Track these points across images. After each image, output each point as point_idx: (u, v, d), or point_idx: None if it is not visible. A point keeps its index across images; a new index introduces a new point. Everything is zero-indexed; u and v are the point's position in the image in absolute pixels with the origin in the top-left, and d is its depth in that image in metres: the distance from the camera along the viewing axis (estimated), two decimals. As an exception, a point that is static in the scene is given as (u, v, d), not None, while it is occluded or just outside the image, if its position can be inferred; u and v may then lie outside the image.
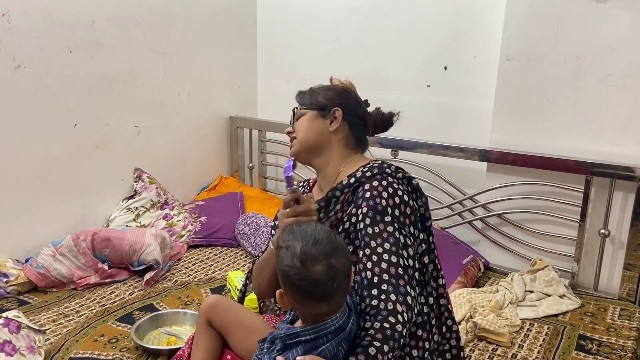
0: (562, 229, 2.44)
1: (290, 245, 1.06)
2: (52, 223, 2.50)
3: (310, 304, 1.06)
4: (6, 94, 2.27)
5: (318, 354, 1.06)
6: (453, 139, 2.67)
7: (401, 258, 1.19)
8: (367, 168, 1.32)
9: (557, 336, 2.00)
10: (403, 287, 1.16)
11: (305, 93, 1.44)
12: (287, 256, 1.05)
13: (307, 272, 1.03)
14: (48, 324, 1.97)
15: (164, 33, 2.93)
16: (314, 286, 1.03)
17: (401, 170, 1.32)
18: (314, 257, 1.04)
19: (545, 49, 2.36)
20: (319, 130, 1.38)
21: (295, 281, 1.04)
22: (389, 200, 1.24)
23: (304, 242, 1.05)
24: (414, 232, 1.27)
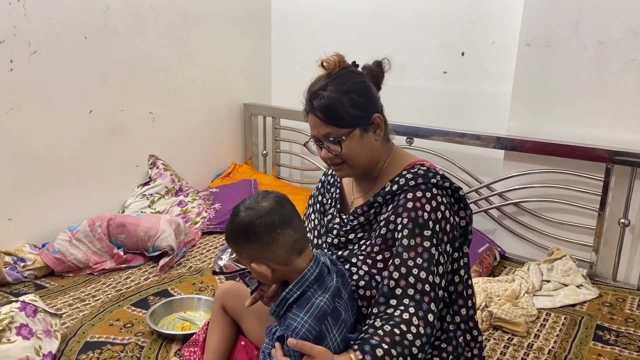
0: (581, 218, 2.40)
1: (237, 212, 1.13)
2: (68, 209, 2.52)
3: (280, 236, 1.10)
4: (22, 79, 2.28)
5: (318, 311, 1.08)
6: (469, 126, 2.63)
7: (431, 275, 1.16)
8: (411, 174, 1.25)
9: (574, 326, 1.97)
10: (426, 304, 1.14)
11: (331, 110, 1.22)
12: (240, 216, 1.11)
13: (258, 210, 1.11)
14: (64, 308, 1.99)
15: (178, 19, 2.92)
16: (272, 215, 1.10)
17: (448, 180, 1.25)
18: (255, 201, 1.13)
19: (566, 33, 2.30)
20: (370, 147, 1.27)
21: (257, 222, 1.09)
22: (431, 214, 1.19)
23: (242, 204, 1.14)
24: (449, 250, 1.23)
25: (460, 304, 1.28)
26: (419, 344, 1.11)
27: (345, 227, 1.32)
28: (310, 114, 1.26)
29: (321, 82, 1.25)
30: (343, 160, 1.26)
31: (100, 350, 1.73)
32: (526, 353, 1.80)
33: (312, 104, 1.24)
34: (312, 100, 1.24)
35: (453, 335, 1.26)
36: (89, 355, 1.71)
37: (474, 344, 1.31)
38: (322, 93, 1.22)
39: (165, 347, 1.76)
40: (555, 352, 1.81)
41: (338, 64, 1.26)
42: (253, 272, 1.15)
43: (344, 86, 1.23)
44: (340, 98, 1.21)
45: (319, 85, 1.25)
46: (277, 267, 1.12)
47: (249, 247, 1.11)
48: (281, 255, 1.11)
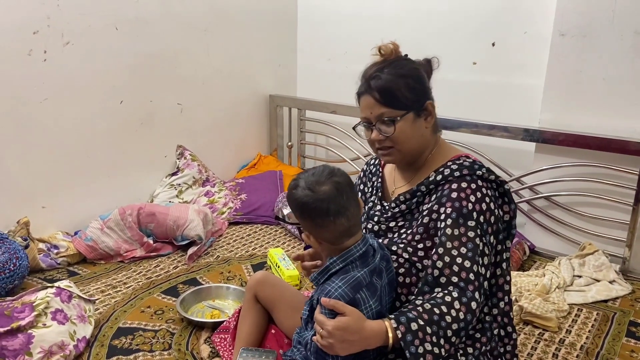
0: (614, 212, 2.35)
1: (297, 185, 1.17)
2: (99, 197, 2.56)
3: (331, 223, 1.14)
4: (56, 70, 2.32)
5: (354, 281, 1.13)
6: (499, 118, 2.59)
7: (475, 265, 1.16)
8: (456, 165, 1.25)
9: (606, 322, 1.93)
10: (471, 292, 1.14)
11: (388, 91, 1.24)
12: (298, 193, 1.15)
13: (317, 194, 1.14)
14: (97, 295, 2.03)
15: (206, 11, 2.93)
16: (328, 203, 1.13)
17: (493, 173, 1.25)
18: (317, 182, 1.15)
19: (602, 23, 2.24)
20: (420, 134, 1.28)
21: (313, 206, 1.13)
22: (475, 205, 1.19)
23: (305, 177, 1.17)
24: (493, 242, 1.23)
25: (499, 296, 1.28)
26: (455, 327, 1.11)
27: (386, 214, 1.33)
28: (365, 95, 1.27)
29: (378, 65, 1.28)
30: (392, 145, 1.27)
31: (132, 336, 1.76)
32: (557, 348, 1.78)
33: (368, 84, 1.26)
34: (369, 81, 1.26)
35: (489, 326, 1.26)
36: (122, 340, 1.74)
37: (507, 339, 1.30)
38: (379, 74, 1.25)
39: (195, 334, 1.79)
40: (588, 347, 1.78)
41: (394, 51, 1.29)
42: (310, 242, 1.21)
43: (401, 70, 1.26)
44: (397, 80, 1.24)
45: (377, 68, 1.27)
46: (326, 244, 1.17)
47: (302, 219, 1.18)
48: (330, 238, 1.17)
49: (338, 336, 1.05)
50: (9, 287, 1.95)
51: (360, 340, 1.07)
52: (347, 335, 1.05)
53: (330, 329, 1.05)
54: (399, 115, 1.24)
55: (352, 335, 1.06)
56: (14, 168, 2.26)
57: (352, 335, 1.06)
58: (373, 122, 1.27)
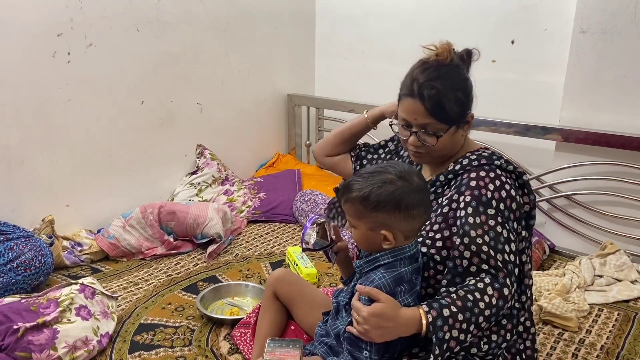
0: (636, 211, 2.32)
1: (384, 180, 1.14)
2: (121, 196, 2.61)
3: (419, 216, 1.16)
4: (79, 71, 2.37)
5: (397, 274, 1.14)
6: (519, 116, 2.57)
7: (500, 253, 1.16)
8: (475, 156, 1.26)
9: (627, 322, 1.91)
10: (502, 278, 1.14)
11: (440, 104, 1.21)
12: (390, 186, 1.13)
13: (411, 184, 1.14)
14: (119, 291, 2.07)
15: (225, 11, 2.96)
16: (423, 194, 1.16)
17: (512, 164, 1.26)
18: (408, 173, 1.16)
19: (624, 20, 2.21)
20: (457, 142, 1.29)
21: (409, 197, 1.12)
22: (494, 193, 1.19)
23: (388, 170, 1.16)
24: (517, 227, 1.23)
25: (526, 283, 1.28)
26: (487, 313, 1.11)
27: None
28: (412, 99, 1.24)
29: (431, 72, 1.24)
30: (427, 152, 1.27)
31: (153, 332, 1.80)
32: (577, 348, 1.76)
33: (421, 91, 1.22)
34: (421, 88, 1.23)
35: (516, 313, 1.25)
36: (144, 336, 1.78)
37: (526, 335, 1.30)
38: (433, 84, 1.22)
39: (215, 331, 1.81)
40: (608, 348, 1.76)
41: (449, 54, 1.26)
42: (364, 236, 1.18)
43: (454, 83, 1.24)
44: (449, 94, 1.22)
45: (430, 75, 1.23)
46: (398, 239, 1.16)
47: (392, 214, 1.13)
48: (412, 230, 1.17)
49: (373, 322, 1.07)
50: (34, 284, 2.01)
51: (395, 327, 1.08)
52: (382, 321, 1.07)
53: (366, 314, 1.07)
54: (444, 129, 1.24)
55: (387, 322, 1.07)
56: (39, 167, 2.32)
57: (387, 322, 1.07)
58: (414, 129, 1.26)
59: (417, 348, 1.19)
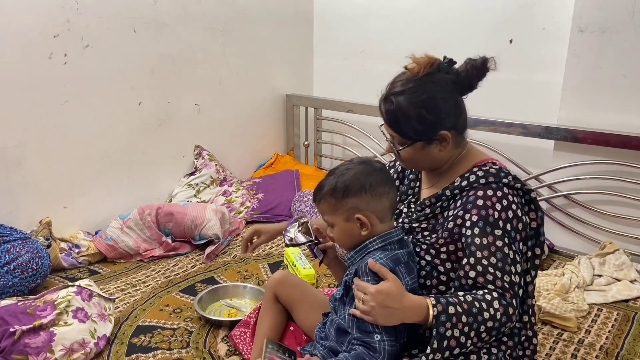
0: (635, 210, 2.31)
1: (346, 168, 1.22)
2: (119, 197, 2.61)
3: (388, 194, 1.21)
4: (76, 72, 2.36)
5: (393, 255, 1.17)
6: (518, 116, 2.56)
7: (507, 274, 1.14)
8: (482, 172, 1.23)
9: (627, 322, 1.91)
10: (509, 298, 1.13)
11: (397, 120, 1.22)
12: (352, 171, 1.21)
13: (372, 166, 1.22)
14: (117, 293, 2.06)
15: (223, 11, 2.95)
16: (385, 173, 1.23)
17: (520, 181, 1.23)
18: (368, 159, 1.26)
19: (622, 19, 2.20)
20: (432, 157, 1.27)
21: (372, 177, 1.20)
22: (502, 213, 1.17)
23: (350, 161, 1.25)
24: (523, 248, 1.21)
25: (529, 303, 1.27)
26: (490, 325, 1.10)
27: (412, 215, 1.33)
28: (379, 109, 1.28)
29: (399, 84, 1.23)
30: (402, 160, 1.31)
31: (151, 334, 1.79)
32: (576, 349, 1.76)
33: (380, 104, 1.26)
34: (382, 102, 1.26)
35: (517, 332, 1.25)
36: (141, 338, 1.77)
37: (527, 344, 1.29)
38: (393, 99, 1.22)
39: (213, 332, 1.81)
40: (607, 348, 1.76)
41: (425, 67, 1.22)
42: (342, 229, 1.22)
43: (418, 98, 1.21)
44: (409, 111, 1.21)
45: (395, 90, 1.23)
46: (373, 223, 1.20)
47: (360, 197, 1.19)
48: (382, 210, 1.20)
49: (380, 300, 1.06)
50: (31, 286, 2.00)
51: (401, 309, 1.07)
52: (388, 300, 1.06)
53: (374, 291, 1.07)
54: (405, 143, 1.24)
55: (393, 301, 1.06)
56: (36, 169, 2.31)
57: (394, 302, 1.06)
58: (386, 136, 1.30)
59: (417, 350, 1.18)
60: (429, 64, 1.22)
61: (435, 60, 1.23)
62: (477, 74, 1.25)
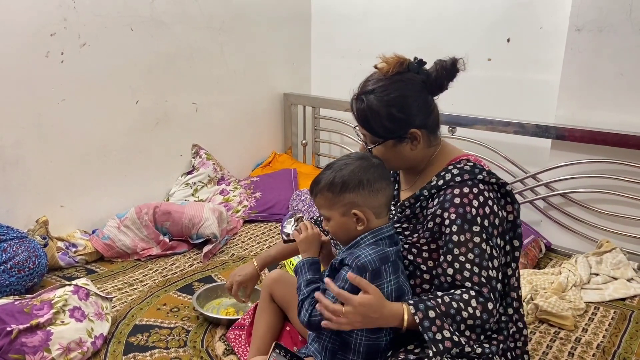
0: (632, 209, 2.31)
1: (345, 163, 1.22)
2: (116, 196, 2.60)
3: (383, 190, 1.21)
4: (73, 71, 2.36)
5: (383, 253, 1.17)
6: (515, 114, 2.56)
7: (484, 269, 1.16)
8: (457, 170, 1.24)
9: (624, 321, 1.91)
10: (487, 293, 1.14)
11: (366, 119, 1.25)
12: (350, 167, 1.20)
13: (369, 162, 1.22)
14: (114, 292, 2.06)
15: (221, 10, 2.95)
16: (382, 169, 1.22)
17: (494, 176, 1.25)
18: (365, 154, 1.25)
19: (619, 17, 2.20)
20: (404, 156, 1.28)
21: (369, 173, 1.20)
22: (479, 210, 1.18)
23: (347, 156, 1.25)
24: (500, 242, 1.23)
25: (512, 296, 1.28)
26: (470, 323, 1.11)
27: (392, 218, 1.34)
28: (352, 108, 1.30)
29: (370, 84, 1.26)
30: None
31: (148, 333, 1.79)
32: (573, 347, 1.76)
33: (352, 102, 1.28)
34: (353, 100, 1.28)
35: (505, 326, 1.26)
36: (138, 337, 1.77)
37: (518, 335, 1.30)
38: (363, 98, 1.24)
39: (210, 331, 1.81)
40: (604, 346, 1.76)
41: (394, 67, 1.23)
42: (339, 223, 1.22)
43: (388, 97, 1.22)
44: (379, 110, 1.23)
45: (366, 89, 1.25)
46: (369, 218, 1.20)
47: (357, 192, 1.19)
48: (379, 206, 1.21)
49: (361, 312, 1.07)
50: (28, 285, 1.99)
51: (380, 318, 1.10)
52: (370, 312, 1.08)
53: (357, 304, 1.07)
54: (377, 142, 1.26)
55: (374, 312, 1.08)
56: (33, 168, 2.31)
57: (374, 313, 1.08)
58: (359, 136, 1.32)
59: (413, 345, 1.18)
60: (399, 63, 1.24)
61: (404, 60, 1.25)
62: (447, 75, 1.26)
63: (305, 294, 1.21)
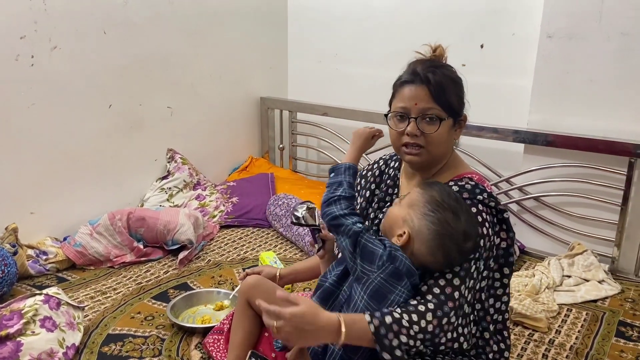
0: (603, 212, 2.37)
1: (457, 211, 1.14)
2: (89, 202, 2.55)
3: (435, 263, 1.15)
4: (43, 75, 2.30)
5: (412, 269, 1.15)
6: (488, 119, 2.59)
7: (462, 286, 1.14)
8: (458, 187, 1.23)
9: (596, 322, 1.95)
10: (448, 307, 1.12)
11: (445, 89, 1.22)
12: (453, 221, 1.13)
13: (465, 246, 1.13)
14: (86, 301, 2.02)
15: (195, 13, 2.92)
16: (460, 255, 1.14)
17: (494, 200, 1.23)
18: (470, 236, 1.14)
19: (589, 25, 2.26)
20: (450, 142, 1.28)
21: (453, 246, 1.12)
22: None
23: (463, 216, 1.14)
24: (482, 268, 1.21)
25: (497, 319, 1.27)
26: (421, 337, 1.09)
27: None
28: (414, 85, 1.24)
29: (432, 64, 1.26)
30: (424, 145, 1.25)
31: (122, 343, 1.75)
32: (547, 349, 1.79)
33: (425, 76, 1.23)
34: (425, 73, 1.23)
35: (482, 350, 1.26)
36: (111, 347, 1.73)
37: (498, 356, 1.29)
38: (439, 71, 1.24)
39: (186, 340, 1.78)
40: (577, 348, 1.79)
41: (443, 55, 1.31)
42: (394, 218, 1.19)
43: (455, 76, 1.28)
44: (451, 84, 1.25)
45: (432, 66, 1.25)
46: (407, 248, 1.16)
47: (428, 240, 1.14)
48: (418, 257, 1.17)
49: (294, 323, 1.05)
50: (-3, 295, 1.94)
51: (316, 330, 1.07)
52: (303, 323, 1.06)
53: (288, 315, 1.05)
54: (445, 116, 1.23)
55: (308, 324, 1.06)
56: (2, 174, 2.24)
57: (308, 325, 1.06)
58: (414, 115, 1.23)
59: None
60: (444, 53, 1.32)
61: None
62: None
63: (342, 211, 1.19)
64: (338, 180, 1.24)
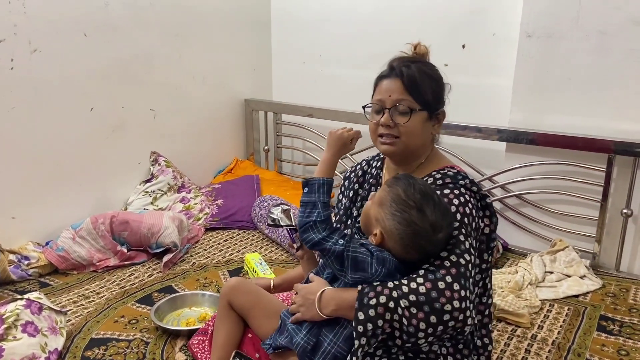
0: (583, 209, 2.40)
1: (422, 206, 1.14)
2: (71, 206, 2.52)
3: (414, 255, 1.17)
4: (23, 78, 2.28)
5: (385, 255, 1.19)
6: (471, 118, 2.62)
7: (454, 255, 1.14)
8: (440, 175, 1.27)
9: (577, 317, 1.97)
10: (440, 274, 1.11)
11: (417, 82, 1.26)
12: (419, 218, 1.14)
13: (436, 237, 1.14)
14: (69, 306, 2.00)
15: (178, 15, 2.91)
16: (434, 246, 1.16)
17: (476, 185, 1.26)
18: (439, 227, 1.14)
19: (567, 24, 2.29)
20: (426, 136, 1.31)
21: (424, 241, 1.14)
22: (459, 207, 1.20)
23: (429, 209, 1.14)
24: (476, 245, 1.22)
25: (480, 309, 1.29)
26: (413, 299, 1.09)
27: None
28: (389, 79, 1.30)
29: (409, 58, 1.32)
30: (398, 136, 1.28)
31: (105, 347, 1.74)
32: (530, 344, 1.81)
33: (399, 70, 1.28)
34: (400, 67, 1.29)
35: (470, 338, 1.26)
36: (95, 351, 1.72)
37: (482, 350, 1.31)
38: (413, 66, 1.29)
39: (171, 342, 1.77)
40: (559, 342, 1.82)
41: (425, 54, 1.36)
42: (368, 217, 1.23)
43: (432, 71, 1.32)
44: (425, 77, 1.29)
45: (408, 59, 1.31)
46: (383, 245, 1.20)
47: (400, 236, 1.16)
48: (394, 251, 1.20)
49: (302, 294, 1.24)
50: (-23, 301, 1.91)
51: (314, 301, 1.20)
52: (307, 293, 1.23)
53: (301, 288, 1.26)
54: (417, 107, 1.26)
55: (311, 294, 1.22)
56: (-18, 179, 2.22)
57: (311, 294, 1.22)
58: (388, 107, 1.28)
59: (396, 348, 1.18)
60: (428, 53, 1.37)
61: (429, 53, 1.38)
62: None
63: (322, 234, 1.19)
64: (312, 200, 1.22)
